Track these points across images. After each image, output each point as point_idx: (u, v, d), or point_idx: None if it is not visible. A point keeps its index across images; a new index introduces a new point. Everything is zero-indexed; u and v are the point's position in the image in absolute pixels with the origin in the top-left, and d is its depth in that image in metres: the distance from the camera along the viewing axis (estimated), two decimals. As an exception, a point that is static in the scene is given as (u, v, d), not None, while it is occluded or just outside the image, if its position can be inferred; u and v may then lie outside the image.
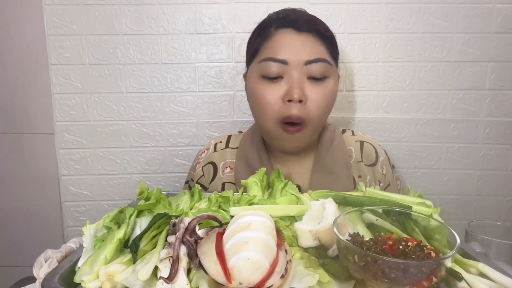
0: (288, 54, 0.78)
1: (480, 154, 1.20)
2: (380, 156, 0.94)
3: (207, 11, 1.14)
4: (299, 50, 0.78)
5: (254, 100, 0.83)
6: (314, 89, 0.79)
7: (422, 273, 0.41)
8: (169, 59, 1.16)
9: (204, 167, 0.94)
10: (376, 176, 0.92)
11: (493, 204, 1.23)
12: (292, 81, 0.78)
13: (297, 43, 0.79)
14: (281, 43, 0.79)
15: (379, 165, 0.92)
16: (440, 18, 1.13)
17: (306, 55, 0.78)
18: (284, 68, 0.79)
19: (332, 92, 0.82)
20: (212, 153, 0.95)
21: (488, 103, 1.17)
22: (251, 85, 0.84)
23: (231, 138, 0.97)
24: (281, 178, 0.71)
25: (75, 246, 0.57)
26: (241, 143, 0.94)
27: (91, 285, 0.45)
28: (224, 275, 0.43)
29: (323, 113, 0.83)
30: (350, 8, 1.13)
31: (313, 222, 0.54)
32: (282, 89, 0.79)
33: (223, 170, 0.92)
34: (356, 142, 0.94)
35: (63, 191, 1.21)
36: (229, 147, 0.95)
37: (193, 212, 0.62)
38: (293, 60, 0.78)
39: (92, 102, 1.17)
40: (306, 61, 0.78)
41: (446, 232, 0.50)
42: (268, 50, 0.80)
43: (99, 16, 1.12)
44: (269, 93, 0.79)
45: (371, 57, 1.16)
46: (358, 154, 0.92)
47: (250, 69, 0.85)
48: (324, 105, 0.81)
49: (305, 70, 0.79)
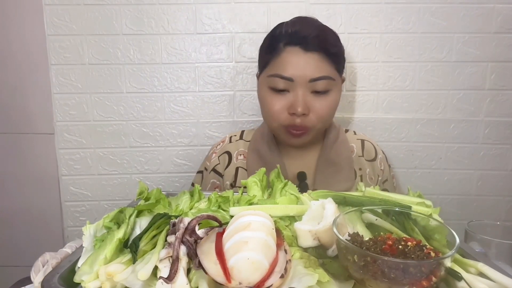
0: (294, 72, 0.85)
1: (480, 154, 1.20)
2: (379, 154, 1.02)
3: (207, 11, 1.14)
4: (304, 69, 0.84)
5: (263, 105, 0.92)
6: (317, 101, 0.87)
7: (422, 272, 0.41)
8: (169, 59, 1.16)
9: (220, 156, 1.01)
10: (375, 171, 0.99)
11: (493, 204, 1.23)
12: (296, 96, 0.85)
13: (303, 62, 0.85)
14: (288, 61, 0.85)
15: (378, 161, 1.00)
16: (440, 18, 1.13)
17: (311, 73, 0.84)
18: (290, 84, 0.86)
19: (334, 103, 0.90)
20: (228, 144, 1.02)
21: (488, 103, 1.17)
22: (261, 92, 0.92)
23: (244, 132, 1.05)
24: (280, 178, 0.71)
25: (71, 251, 0.57)
26: (253, 137, 1.02)
27: (90, 285, 0.46)
28: (224, 275, 0.43)
29: (326, 121, 0.91)
30: (350, 8, 1.13)
31: (312, 222, 0.54)
32: (288, 101, 0.87)
33: (236, 157, 1.00)
34: (357, 140, 1.02)
35: (63, 191, 1.21)
36: (242, 139, 1.03)
37: (193, 212, 0.62)
38: (298, 78, 0.85)
39: (92, 102, 1.17)
40: (310, 78, 0.85)
41: (446, 232, 0.50)
42: (276, 67, 0.87)
43: (99, 16, 1.12)
44: (276, 103, 0.88)
45: (371, 57, 1.16)
46: (359, 150, 1.00)
47: (261, 78, 0.93)
48: (326, 115, 0.89)
49: (309, 86, 0.85)
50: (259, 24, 1.14)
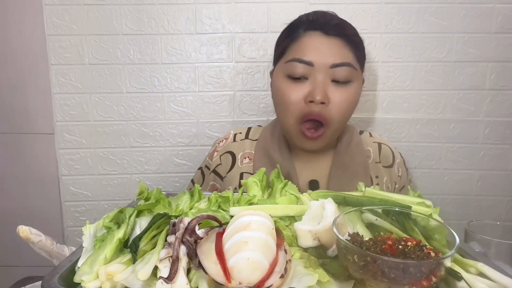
0: (314, 56, 0.79)
1: (480, 154, 1.20)
2: (397, 159, 0.96)
3: (207, 11, 1.14)
4: (325, 53, 0.79)
5: (278, 98, 0.85)
6: (337, 92, 0.80)
7: (422, 272, 0.41)
8: (169, 59, 1.16)
9: (222, 156, 0.94)
10: (392, 178, 0.93)
11: (493, 204, 1.23)
12: (316, 83, 0.79)
13: (324, 46, 0.80)
14: (308, 44, 0.81)
15: (396, 167, 0.95)
16: (440, 18, 1.13)
17: (332, 58, 0.79)
18: (309, 70, 0.80)
19: (355, 96, 0.83)
20: (231, 143, 0.95)
21: (488, 103, 1.17)
22: (276, 83, 0.85)
23: (251, 130, 0.98)
24: (280, 178, 0.71)
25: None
26: (261, 135, 0.95)
27: (90, 285, 0.45)
28: (224, 275, 0.43)
29: (345, 116, 0.84)
30: (350, 8, 1.13)
31: (312, 222, 0.54)
32: (305, 90, 0.80)
33: (241, 160, 0.92)
34: (374, 143, 0.96)
35: (63, 191, 1.21)
36: (248, 138, 0.96)
37: (193, 212, 0.62)
38: (319, 63, 0.79)
39: (92, 102, 1.17)
40: (332, 64, 0.79)
41: (446, 232, 0.50)
42: (295, 51, 0.82)
43: (99, 16, 1.12)
44: (292, 92, 0.81)
45: (371, 57, 1.16)
46: (376, 155, 0.94)
47: (277, 68, 0.87)
48: (345, 108, 0.82)
49: (330, 73, 0.80)
50: (259, 24, 1.14)
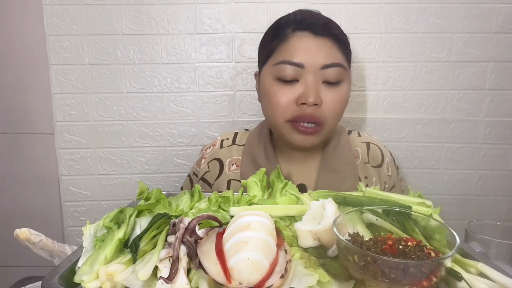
0: (304, 57, 0.78)
1: (480, 154, 1.20)
2: (386, 158, 0.94)
3: (207, 11, 1.14)
4: (316, 54, 0.78)
5: (268, 101, 0.83)
6: (329, 93, 0.80)
7: (422, 273, 0.41)
8: (169, 59, 1.16)
9: (210, 163, 0.93)
10: (381, 178, 0.92)
11: (493, 204, 1.23)
12: (307, 84, 0.78)
13: (314, 47, 0.79)
14: (298, 46, 0.79)
15: (385, 167, 0.93)
16: (440, 18, 1.13)
17: (323, 59, 0.78)
18: (300, 72, 0.79)
19: (346, 96, 0.83)
20: (218, 150, 0.94)
21: (488, 103, 1.17)
22: (265, 86, 0.84)
23: (237, 135, 0.97)
24: (281, 178, 0.71)
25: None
26: (248, 140, 0.94)
27: (91, 285, 0.45)
28: (224, 275, 0.43)
29: (337, 117, 0.84)
30: (350, 8, 1.13)
31: (313, 222, 0.54)
32: (296, 92, 0.79)
33: (229, 167, 0.91)
34: (362, 143, 0.95)
35: (63, 191, 1.21)
36: (235, 144, 0.94)
37: (193, 212, 0.62)
38: (310, 64, 0.78)
39: (92, 102, 1.17)
40: (322, 65, 0.78)
41: (446, 232, 0.50)
42: (284, 53, 0.80)
43: (99, 16, 1.12)
44: (283, 95, 0.79)
45: (371, 57, 1.16)
46: (364, 155, 0.93)
47: (264, 70, 0.85)
48: (338, 109, 0.82)
49: (320, 74, 0.79)
50: (259, 24, 1.14)
